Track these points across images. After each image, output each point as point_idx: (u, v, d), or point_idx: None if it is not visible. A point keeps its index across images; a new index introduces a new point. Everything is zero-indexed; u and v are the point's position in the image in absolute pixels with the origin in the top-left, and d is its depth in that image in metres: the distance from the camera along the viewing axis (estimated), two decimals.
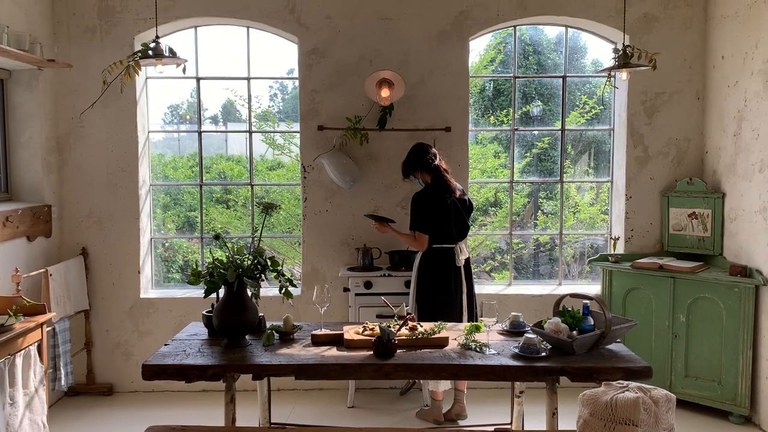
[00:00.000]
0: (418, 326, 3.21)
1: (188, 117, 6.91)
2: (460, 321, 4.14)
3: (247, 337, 3.19)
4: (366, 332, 3.15)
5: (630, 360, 2.93)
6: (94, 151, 4.85)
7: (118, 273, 4.91)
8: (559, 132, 5.21)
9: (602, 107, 5.65)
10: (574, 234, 5.55)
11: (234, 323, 3.07)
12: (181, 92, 5.63)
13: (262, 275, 3.09)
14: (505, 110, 6.85)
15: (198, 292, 5.15)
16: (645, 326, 4.57)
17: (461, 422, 4.31)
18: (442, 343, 3.10)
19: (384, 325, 3.14)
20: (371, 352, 2.99)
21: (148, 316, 4.94)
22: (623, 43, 3.65)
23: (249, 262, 3.11)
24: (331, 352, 3.01)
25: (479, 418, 4.30)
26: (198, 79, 5.04)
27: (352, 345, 3.07)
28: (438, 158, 4.24)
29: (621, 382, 2.51)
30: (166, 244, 6.99)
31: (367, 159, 4.91)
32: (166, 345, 3.14)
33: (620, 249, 4.98)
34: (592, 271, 5.68)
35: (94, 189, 4.87)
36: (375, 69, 4.78)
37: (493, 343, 3.13)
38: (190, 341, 3.21)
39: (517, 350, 2.98)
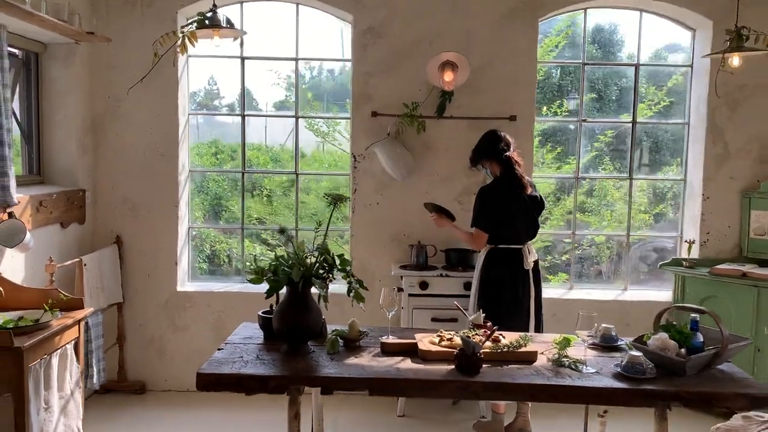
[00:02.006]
0: (500, 337, 2.86)
1: (206, 104, 6.57)
2: (527, 330, 3.79)
3: (308, 343, 2.85)
4: (443, 343, 2.80)
5: (749, 384, 2.55)
6: (131, 133, 4.53)
7: (154, 264, 4.60)
8: (629, 125, 4.83)
9: (671, 101, 5.25)
10: (641, 235, 5.14)
11: (297, 327, 2.73)
12: (198, 80, 5.27)
13: (330, 275, 2.74)
14: (557, 101, 6.43)
15: (238, 286, 4.84)
16: None
17: None
18: (531, 357, 2.75)
19: (465, 335, 2.79)
20: (451, 366, 2.63)
21: (184, 310, 4.63)
22: (736, 24, 3.26)
23: (313, 259, 2.77)
24: (406, 365, 2.67)
25: None
26: (243, 59, 4.71)
27: (428, 357, 2.72)
28: (511, 148, 3.87)
29: (761, 414, 2.15)
30: (193, 233, 6.69)
31: (422, 149, 4.55)
32: (219, 350, 2.81)
33: (694, 253, 4.59)
34: (650, 273, 5.27)
35: (131, 173, 4.55)
36: (435, 50, 4.41)
37: (584, 359, 2.76)
38: (245, 346, 2.88)
39: (619, 369, 2.62)
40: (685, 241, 4.61)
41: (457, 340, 2.80)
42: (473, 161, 3.99)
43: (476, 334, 2.88)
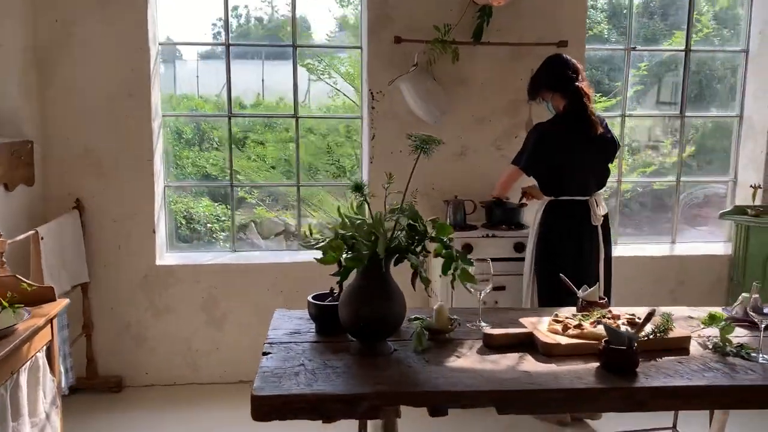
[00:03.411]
0: (636, 319, 2.18)
1: None
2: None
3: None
4: (570, 331, 2.11)
5: None
6: (88, 68, 3.54)
7: (126, 232, 3.70)
8: (681, 54, 4.20)
9: (715, 26, 4.62)
10: (692, 180, 4.54)
11: (378, 320, 1.97)
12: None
13: (422, 247, 1.99)
14: None
15: (229, 256, 4.00)
16: None
17: (593, 423, 3.38)
18: (684, 344, 2.10)
19: (604, 319, 2.12)
20: (590, 364, 1.95)
21: (166, 288, 3.77)
22: None
23: (391, 225, 2.01)
24: (532, 366, 1.96)
25: (621, 421, 3.36)
26: None
27: (555, 352, 2.02)
28: (580, 77, 3.17)
29: None
30: None
31: (454, 83, 3.78)
32: (266, 354, 2.02)
33: (758, 200, 4.06)
34: (694, 222, 4.72)
35: (90, 120, 3.59)
36: None
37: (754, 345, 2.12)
38: (298, 346, 2.10)
39: None
40: (750, 185, 4.07)
41: (589, 327, 2.11)
42: (531, 93, 3.31)
43: (603, 316, 2.21)
